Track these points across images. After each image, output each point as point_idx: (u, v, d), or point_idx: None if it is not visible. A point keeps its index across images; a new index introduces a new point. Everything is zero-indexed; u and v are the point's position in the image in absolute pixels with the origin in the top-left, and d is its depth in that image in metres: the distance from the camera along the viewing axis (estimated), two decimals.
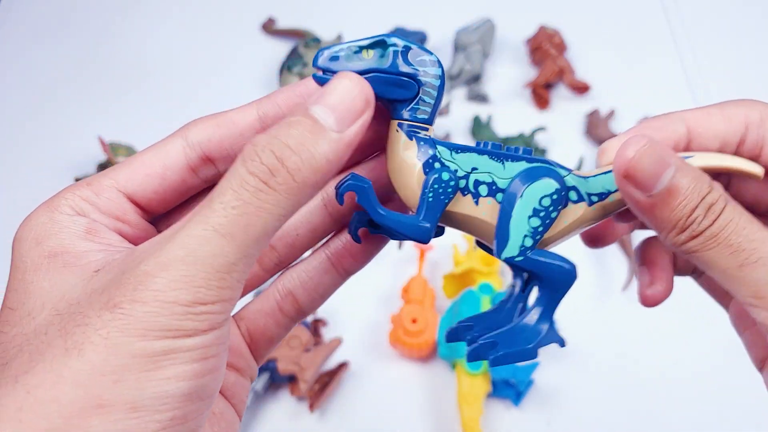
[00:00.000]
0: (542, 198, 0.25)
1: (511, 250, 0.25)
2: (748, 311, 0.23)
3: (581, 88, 0.79)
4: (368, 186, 0.25)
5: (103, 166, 0.69)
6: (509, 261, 0.25)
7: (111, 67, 0.86)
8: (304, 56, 0.80)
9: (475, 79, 0.80)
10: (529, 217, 0.25)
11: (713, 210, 0.23)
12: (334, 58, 0.25)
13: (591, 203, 0.26)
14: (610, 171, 0.25)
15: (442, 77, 0.25)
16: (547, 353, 0.58)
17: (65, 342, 0.20)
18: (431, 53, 0.25)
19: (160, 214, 0.27)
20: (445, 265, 0.64)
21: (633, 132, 0.26)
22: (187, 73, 0.85)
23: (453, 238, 0.62)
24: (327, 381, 0.56)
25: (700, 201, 0.23)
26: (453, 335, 0.29)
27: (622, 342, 0.61)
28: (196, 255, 0.20)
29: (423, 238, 0.26)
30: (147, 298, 0.20)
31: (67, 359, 0.19)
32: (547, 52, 0.80)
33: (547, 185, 0.25)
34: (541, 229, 0.25)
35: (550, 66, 0.79)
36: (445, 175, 0.25)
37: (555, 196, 0.25)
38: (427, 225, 0.25)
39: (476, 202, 0.26)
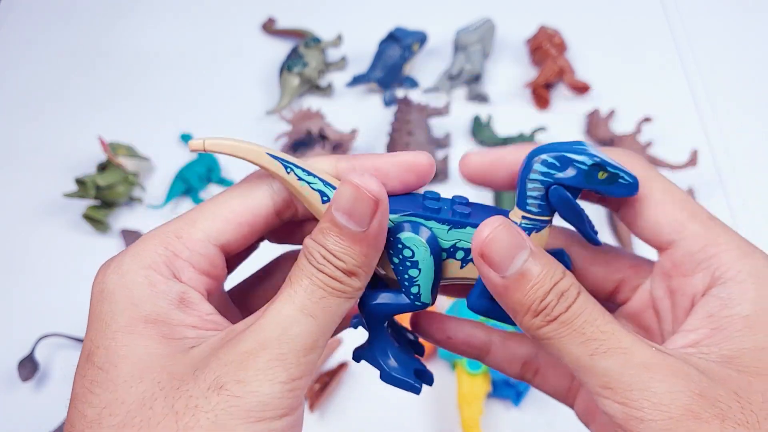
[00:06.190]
0: None
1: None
2: (596, 402, 0.23)
3: (581, 88, 0.79)
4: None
5: (103, 166, 0.69)
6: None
7: (111, 67, 0.86)
8: (304, 56, 0.80)
9: (475, 79, 0.80)
10: None
11: (566, 297, 0.23)
12: None
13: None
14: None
15: None
16: None
17: (177, 424, 0.21)
18: None
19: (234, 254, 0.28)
20: None
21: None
22: (187, 73, 0.85)
23: None
24: (327, 381, 0.56)
25: (553, 286, 0.23)
26: None
27: None
28: (289, 334, 0.22)
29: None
30: (250, 378, 0.21)
31: None
32: (547, 52, 0.80)
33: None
34: None
35: (550, 66, 0.79)
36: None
37: None
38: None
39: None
